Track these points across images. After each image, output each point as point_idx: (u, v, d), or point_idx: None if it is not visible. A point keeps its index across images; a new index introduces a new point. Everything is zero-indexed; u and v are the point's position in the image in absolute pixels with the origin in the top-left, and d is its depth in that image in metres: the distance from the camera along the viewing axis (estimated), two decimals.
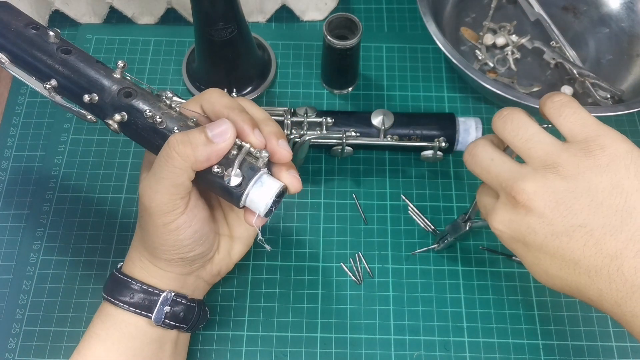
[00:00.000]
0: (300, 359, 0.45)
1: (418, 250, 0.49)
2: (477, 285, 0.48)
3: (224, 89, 0.51)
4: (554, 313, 0.47)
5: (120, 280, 0.39)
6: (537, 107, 0.47)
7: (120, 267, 0.41)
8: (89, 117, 0.38)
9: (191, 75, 0.57)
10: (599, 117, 0.55)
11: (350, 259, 0.49)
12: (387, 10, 0.62)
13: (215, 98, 0.37)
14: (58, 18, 0.60)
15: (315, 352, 0.45)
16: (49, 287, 0.48)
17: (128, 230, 0.50)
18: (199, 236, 0.38)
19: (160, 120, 0.36)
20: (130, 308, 0.38)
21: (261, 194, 0.35)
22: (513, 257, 0.49)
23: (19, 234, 0.50)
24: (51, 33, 0.37)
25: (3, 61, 0.38)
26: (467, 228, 0.45)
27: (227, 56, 0.52)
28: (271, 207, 0.35)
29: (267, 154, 0.35)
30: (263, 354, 0.45)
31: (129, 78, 0.38)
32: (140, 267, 0.39)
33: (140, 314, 0.38)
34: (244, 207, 0.36)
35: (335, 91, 0.57)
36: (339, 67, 0.54)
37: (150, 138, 0.36)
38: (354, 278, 0.48)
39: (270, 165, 0.37)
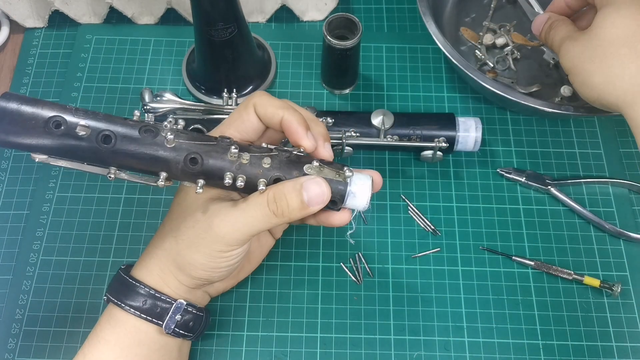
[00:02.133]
0: (300, 359, 0.45)
1: (419, 254, 0.49)
2: (477, 285, 0.48)
3: (224, 89, 0.51)
4: (554, 313, 0.47)
5: (131, 285, 0.38)
6: (537, 107, 0.47)
7: (125, 269, 0.40)
8: (165, 183, 0.36)
9: (191, 75, 0.57)
10: (598, 117, 0.55)
11: (350, 259, 0.49)
12: (387, 10, 0.62)
13: (266, 101, 0.39)
14: (58, 18, 0.60)
15: (315, 352, 0.45)
16: (49, 287, 0.48)
17: (128, 230, 0.50)
18: (234, 267, 0.39)
19: (242, 184, 0.35)
20: (142, 315, 0.38)
21: (357, 200, 0.36)
22: (513, 257, 0.49)
23: (19, 234, 0.50)
24: (81, 123, 0.33)
25: (57, 165, 0.35)
26: None
27: (227, 56, 0.52)
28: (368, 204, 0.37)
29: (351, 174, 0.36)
30: (263, 354, 0.45)
31: (180, 137, 0.35)
32: (157, 275, 0.39)
33: (151, 321, 0.38)
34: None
35: (335, 91, 0.57)
36: (339, 67, 0.54)
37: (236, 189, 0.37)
38: (354, 278, 0.48)
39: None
